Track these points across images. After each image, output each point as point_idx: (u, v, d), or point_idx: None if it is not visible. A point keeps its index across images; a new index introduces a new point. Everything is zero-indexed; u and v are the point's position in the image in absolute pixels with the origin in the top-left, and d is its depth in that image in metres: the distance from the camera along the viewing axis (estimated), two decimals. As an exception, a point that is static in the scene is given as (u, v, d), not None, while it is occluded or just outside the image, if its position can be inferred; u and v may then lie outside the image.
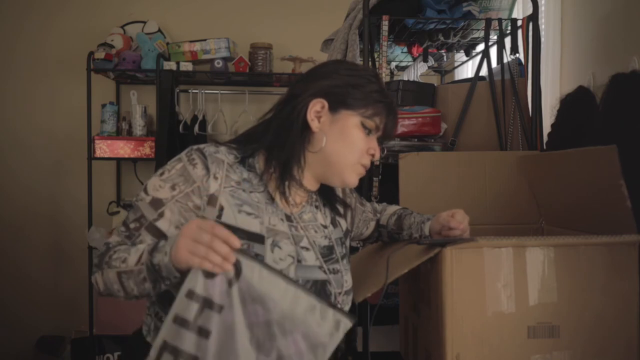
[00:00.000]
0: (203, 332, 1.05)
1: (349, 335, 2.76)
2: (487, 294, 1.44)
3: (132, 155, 3.66)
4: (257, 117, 1.38)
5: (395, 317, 2.05)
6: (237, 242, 1.06)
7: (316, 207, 1.41)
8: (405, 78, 3.16)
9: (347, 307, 1.36)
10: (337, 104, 1.31)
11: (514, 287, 1.44)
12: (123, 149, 3.65)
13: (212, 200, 1.22)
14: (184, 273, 1.08)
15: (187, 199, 1.22)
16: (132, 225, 1.23)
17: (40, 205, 3.98)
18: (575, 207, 1.72)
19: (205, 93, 3.85)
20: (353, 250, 1.67)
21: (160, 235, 1.21)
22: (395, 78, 3.25)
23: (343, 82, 1.32)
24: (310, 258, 1.31)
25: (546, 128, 2.22)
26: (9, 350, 3.88)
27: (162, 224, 1.21)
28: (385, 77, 2.33)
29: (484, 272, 1.43)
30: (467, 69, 3.19)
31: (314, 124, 1.30)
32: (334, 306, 1.14)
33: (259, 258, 1.18)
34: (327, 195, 1.44)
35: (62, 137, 3.98)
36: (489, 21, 2.34)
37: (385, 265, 1.44)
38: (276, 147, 1.31)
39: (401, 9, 2.34)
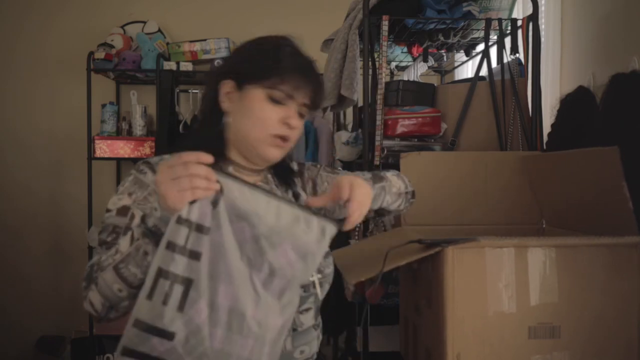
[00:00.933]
0: (194, 255, 1.07)
1: (349, 335, 2.76)
2: (488, 294, 1.44)
3: (132, 156, 3.65)
4: None
5: (395, 317, 2.06)
6: (208, 157, 1.07)
7: (275, 185, 1.41)
8: (405, 78, 3.16)
9: (328, 269, 1.36)
10: (241, 81, 1.31)
11: (515, 287, 1.44)
12: (123, 149, 3.65)
13: None
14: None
15: (146, 201, 1.26)
16: (109, 239, 1.25)
17: (40, 205, 3.98)
18: (576, 207, 1.72)
19: (205, 93, 3.84)
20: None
21: None
22: (395, 78, 3.25)
23: (246, 57, 1.33)
24: None
25: (546, 128, 2.22)
26: (9, 350, 3.88)
27: (136, 225, 1.24)
28: (385, 77, 2.33)
29: (485, 272, 1.43)
30: (467, 69, 3.19)
31: (224, 106, 1.32)
32: (316, 213, 1.14)
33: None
34: (280, 172, 1.44)
35: (62, 137, 3.98)
36: (489, 21, 2.34)
37: (384, 256, 1.44)
38: (203, 137, 1.35)
39: (401, 9, 2.34)
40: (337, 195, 1.23)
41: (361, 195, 1.22)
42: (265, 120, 1.29)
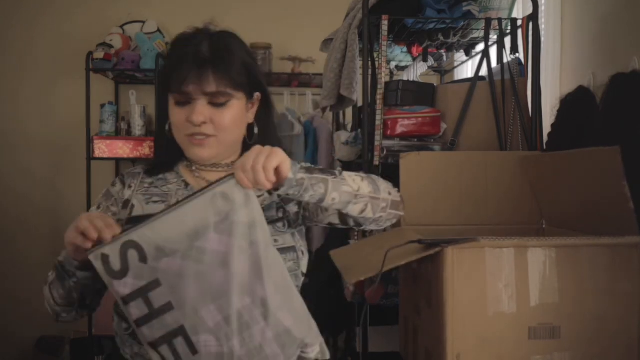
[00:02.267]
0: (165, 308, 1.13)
1: (349, 336, 2.76)
2: (488, 294, 1.43)
3: (131, 156, 3.65)
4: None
5: (395, 317, 2.05)
6: (115, 229, 1.15)
7: None
8: (405, 78, 3.15)
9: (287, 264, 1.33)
10: (164, 93, 1.34)
11: (515, 287, 1.44)
12: (122, 149, 3.64)
13: (125, 204, 1.37)
14: (85, 263, 1.18)
15: (107, 210, 1.38)
16: None
17: (39, 204, 3.98)
18: (577, 208, 1.71)
19: (205, 93, 3.84)
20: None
21: None
22: (395, 78, 3.24)
23: (163, 71, 1.37)
24: None
25: (546, 128, 2.22)
26: (9, 350, 3.88)
27: None
28: (385, 77, 2.33)
29: (485, 272, 1.43)
30: (467, 69, 3.19)
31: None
32: (209, 186, 1.14)
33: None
34: None
35: (61, 137, 3.97)
36: (488, 21, 2.34)
37: (383, 256, 1.43)
38: (166, 145, 1.41)
39: (401, 8, 2.34)
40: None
41: (246, 156, 1.15)
42: (176, 124, 1.31)
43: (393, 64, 3.17)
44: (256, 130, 1.38)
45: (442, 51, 2.88)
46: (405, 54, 2.96)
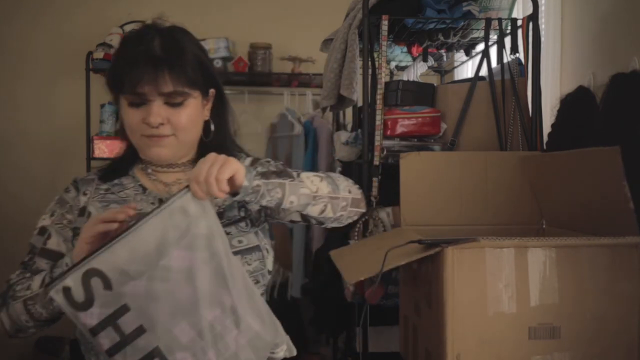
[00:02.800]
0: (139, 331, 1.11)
1: (349, 336, 2.76)
2: (488, 294, 1.43)
3: (131, 155, 3.65)
4: (256, 117, 1.43)
5: (395, 317, 2.05)
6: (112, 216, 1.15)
7: None
8: (405, 78, 3.15)
9: (250, 266, 1.30)
10: (114, 94, 1.31)
11: (515, 287, 1.43)
12: (120, 149, 3.64)
13: (82, 211, 1.34)
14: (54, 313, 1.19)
15: (62, 218, 1.35)
16: (26, 258, 1.36)
17: (39, 205, 3.95)
18: (577, 208, 1.71)
19: (205, 93, 3.84)
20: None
21: (53, 255, 1.31)
22: (395, 78, 3.24)
23: (110, 68, 1.33)
24: None
25: (546, 128, 2.22)
26: (8, 350, 3.88)
27: (51, 244, 1.33)
28: (385, 77, 2.33)
29: (485, 272, 1.43)
30: (467, 69, 3.19)
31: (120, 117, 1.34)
32: (166, 202, 1.13)
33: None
34: None
35: (61, 137, 3.97)
36: (488, 21, 2.34)
37: (383, 256, 1.43)
38: (123, 146, 1.41)
39: (401, 8, 2.34)
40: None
41: (198, 167, 1.13)
42: (131, 125, 1.28)
43: (393, 64, 3.17)
44: (213, 127, 1.36)
45: (442, 51, 2.88)
46: (405, 54, 2.96)
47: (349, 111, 3.26)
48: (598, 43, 2.20)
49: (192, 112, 1.28)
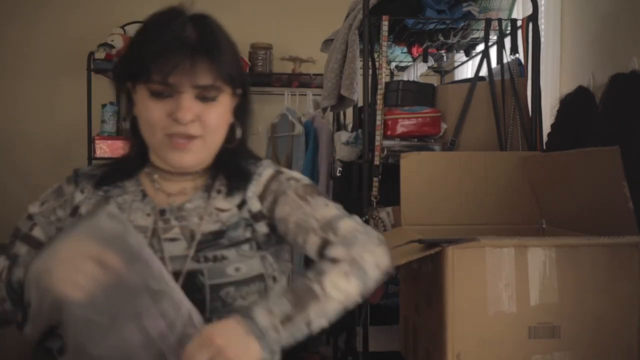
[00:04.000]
0: None
1: (349, 335, 2.76)
2: (488, 293, 1.44)
3: (131, 156, 3.65)
4: (257, 117, 1.35)
5: (395, 316, 2.05)
6: None
7: (218, 191, 1.17)
8: (405, 78, 3.15)
9: (244, 300, 1.10)
10: (131, 83, 1.12)
11: (515, 287, 1.44)
12: (123, 149, 3.63)
13: (74, 211, 1.20)
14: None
15: (52, 212, 1.22)
16: (7, 241, 1.23)
17: (39, 205, 3.97)
18: (577, 207, 1.71)
19: (205, 93, 3.84)
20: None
21: (35, 243, 1.20)
22: (395, 78, 3.24)
23: (128, 54, 1.14)
24: (177, 248, 1.12)
25: (546, 128, 2.22)
26: (8, 350, 3.88)
27: (36, 233, 1.21)
28: (385, 77, 2.33)
29: (486, 272, 1.43)
30: (467, 69, 3.19)
31: (135, 112, 1.14)
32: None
33: None
34: (231, 175, 1.18)
35: (62, 137, 3.97)
36: (488, 21, 2.34)
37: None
38: (128, 148, 1.25)
39: (401, 9, 2.34)
40: None
41: (198, 351, 0.94)
42: (152, 120, 1.09)
43: (393, 64, 3.18)
44: (239, 133, 1.18)
45: (442, 51, 2.88)
46: (405, 54, 2.96)
47: (349, 111, 3.26)
48: (597, 43, 2.20)
49: (224, 111, 1.12)
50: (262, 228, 1.15)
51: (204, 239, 1.12)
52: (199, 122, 1.09)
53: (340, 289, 1.03)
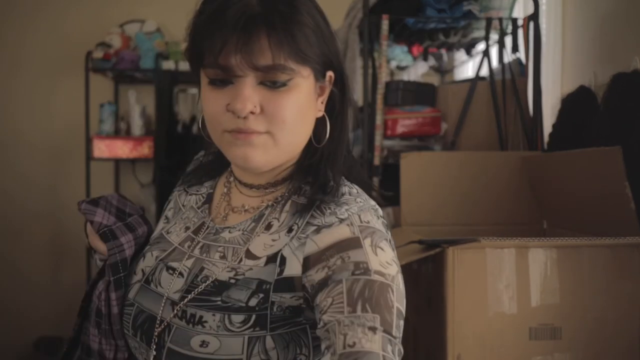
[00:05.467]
0: None
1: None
2: (488, 294, 1.43)
3: (130, 156, 3.65)
4: None
5: (395, 318, 2.04)
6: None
7: (268, 225, 0.90)
8: (406, 78, 3.15)
9: None
10: (195, 71, 0.90)
11: (516, 288, 1.43)
12: (122, 149, 3.64)
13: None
14: None
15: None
16: None
17: (38, 205, 3.97)
18: (578, 208, 1.71)
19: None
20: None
21: None
22: (395, 78, 3.24)
23: (191, 36, 0.88)
24: (171, 286, 0.91)
25: (547, 128, 2.21)
26: (7, 350, 3.87)
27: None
28: (385, 77, 2.32)
29: (486, 272, 1.42)
30: (467, 69, 3.18)
31: None
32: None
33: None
34: (315, 191, 0.90)
35: (61, 137, 3.97)
36: (489, 20, 2.33)
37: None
38: (205, 150, 1.10)
39: (401, 8, 2.34)
40: None
41: None
42: (210, 115, 0.88)
43: (393, 64, 3.17)
44: (329, 128, 0.92)
45: (443, 51, 2.87)
46: (405, 53, 2.95)
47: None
48: (599, 42, 2.19)
49: (301, 100, 0.86)
50: (286, 300, 0.84)
51: (205, 289, 0.88)
52: (263, 115, 0.85)
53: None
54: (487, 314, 1.43)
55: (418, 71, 3.04)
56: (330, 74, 0.92)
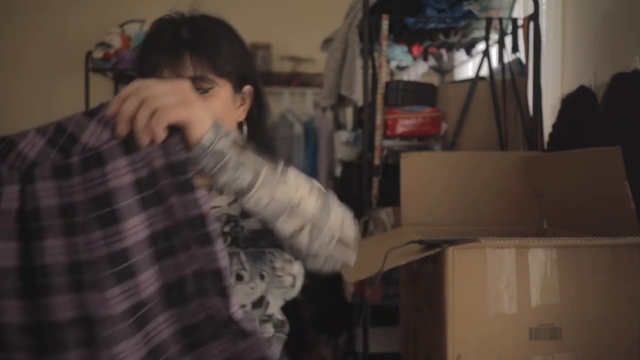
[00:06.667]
0: None
1: (349, 337, 2.75)
2: (488, 294, 1.43)
3: (130, 155, 3.64)
4: None
5: (396, 318, 2.05)
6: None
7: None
8: (406, 78, 3.15)
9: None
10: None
11: (516, 288, 1.43)
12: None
13: None
14: None
15: None
16: None
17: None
18: (578, 208, 1.71)
19: (204, 93, 3.84)
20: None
21: None
22: (395, 78, 3.24)
23: (137, 55, 1.17)
24: None
25: (547, 128, 2.21)
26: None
27: None
28: (385, 77, 2.32)
29: (486, 272, 1.42)
30: (467, 69, 3.18)
31: None
32: None
33: None
34: None
35: (61, 136, 3.96)
36: (489, 20, 2.33)
37: (383, 256, 1.43)
38: None
39: (401, 8, 2.33)
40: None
41: (129, 96, 0.79)
42: None
43: (393, 64, 3.17)
44: (245, 129, 1.14)
45: (443, 51, 2.87)
46: (405, 53, 2.95)
47: (349, 111, 3.26)
48: (599, 42, 2.19)
49: (221, 105, 1.06)
50: (250, 224, 1.06)
51: None
52: None
53: (299, 189, 0.89)
54: (487, 314, 1.43)
55: (418, 71, 3.04)
56: (249, 87, 1.13)
